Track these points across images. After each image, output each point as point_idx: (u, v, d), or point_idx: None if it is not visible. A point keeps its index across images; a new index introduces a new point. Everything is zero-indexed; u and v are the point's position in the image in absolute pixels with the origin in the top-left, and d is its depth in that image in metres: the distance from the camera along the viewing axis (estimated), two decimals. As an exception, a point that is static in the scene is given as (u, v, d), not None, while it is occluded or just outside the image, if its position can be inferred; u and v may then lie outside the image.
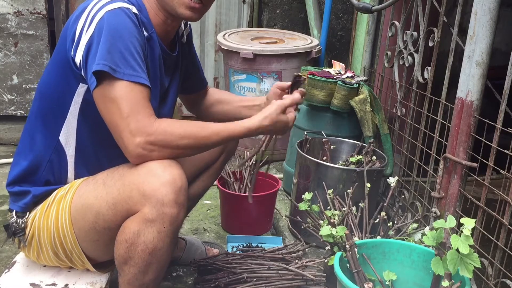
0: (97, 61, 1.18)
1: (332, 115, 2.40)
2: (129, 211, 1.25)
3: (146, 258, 1.25)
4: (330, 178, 2.03)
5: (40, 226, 1.38)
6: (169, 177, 1.22)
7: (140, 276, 1.28)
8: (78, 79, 1.29)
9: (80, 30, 1.24)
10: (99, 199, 1.29)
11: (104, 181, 1.31)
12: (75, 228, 1.35)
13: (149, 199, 1.21)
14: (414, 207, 2.10)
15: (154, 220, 1.22)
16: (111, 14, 1.21)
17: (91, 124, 1.34)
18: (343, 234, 1.55)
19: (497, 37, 1.62)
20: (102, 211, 1.29)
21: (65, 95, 1.32)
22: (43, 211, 1.38)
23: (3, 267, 1.90)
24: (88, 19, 1.23)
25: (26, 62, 3.39)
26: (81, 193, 1.34)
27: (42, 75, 1.40)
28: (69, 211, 1.34)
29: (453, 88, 1.77)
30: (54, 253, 1.41)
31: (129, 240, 1.25)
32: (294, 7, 3.62)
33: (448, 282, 1.35)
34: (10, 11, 3.27)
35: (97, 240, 1.36)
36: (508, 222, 1.50)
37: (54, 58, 1.35)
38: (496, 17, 1.58)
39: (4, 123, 3.48)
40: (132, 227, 1.24)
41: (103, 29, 1.20)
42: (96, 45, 1.20)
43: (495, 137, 1.57)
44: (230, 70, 3.06)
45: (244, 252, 1.95)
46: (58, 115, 1.35)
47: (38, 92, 1.40)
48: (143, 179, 1.22)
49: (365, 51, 2.66)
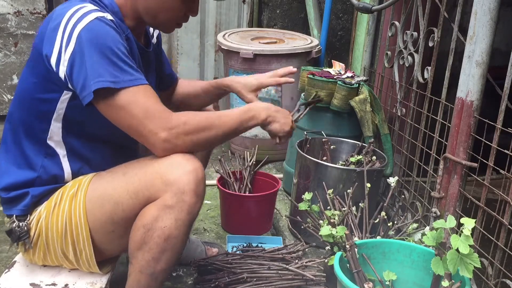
0: (95, 79, 1.19)
1: (332, 115, 2.40)
2: (150, 199, 1.29)
3: (161, 245, 1.29)
4: (330, 178, 2.03)
5: (49, 226, 1.38)
6: (192, 167, 1.28)
7: (153, 263, 1.32)
8: (61, 87, 1.30)
9: (59, 46, 1.24)
10: (119, 189, 1.32)
11: (124, 172, 1.35)
12: (90, 222, 1.36)
13: (170, 187, 1.26)
14: (414, 207, 2.10)
15: (173, 207, 1.26)
16: (90, 26, 1.21)
17: (76, 126, 1.37)
18: (343, 234, 1.55)
19: (497, 37, 1.62)
20: (122, 200, 1.32)
21: (48, 103, 1.34)
22: (51, 210, 1.38)
23: (3, 267, 1.90)
24: (66, 34, 1.22)
25: (26, 62, 3.39)
26: (96, 186, 1.37)
27: (18, 83, 1.40)
28: (84, 205, 1.35)
29: (453, 88, 1.77)
30: (62, 253, 1.41)
31: (146, 226, 1.28)
32: (294, 7, 3.62)
33: (448, 282, 1.35)
34: (10, 11, 3.27)
35: (112, 232, 1.38)
36: (508, 222, 1.50)
37: (31, 66, 1.35)
38: (496, 17, 1.58)
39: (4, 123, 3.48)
40: (152, 212, 1.28)
41: (86, 43, 1.20)
42: (80, 61, 1.20)
43: (495, 137, 1.57)
44: (230, 70, 3.06)
45: (244, 252, 1.95)
46: (43, 121, 1.36)
47: (16, 101, 1.40)
48: (166, 168, 1.27)
49: (365, 51, 2.66)
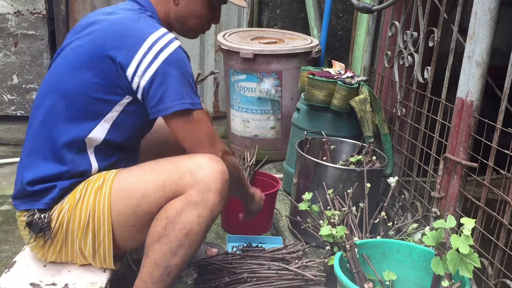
0: (179, 100, 1.35)
1: (332, 115, 2.40)
2: (176, 193, 1.36)
3: (181, 239, 1.35)
4: (330, 178, 2.03)
5: (71, 218, 1.39)
6: (220, 169, 1.37)
7: (169, 256, 1.36)
8: (126, 93, 1.39)
9: (139, 61, 1.34)
10: (147, 182, 1.38)
11: (152, 167, 1.41)
12: (114, 214, 1.39)
13: (198, 183, 1.34)
14: (414, 207, 2.10)
15: (198, 203, 1.34)
16: (176, 54, 1.36)
17: (118, 128, 1.43)
18: (343, 234, 1.55)
19: (497, 37, 1.62)
20: (149, 193, 1.37)
21: (106, 103, 1.39)
22: (74, 203, 1.39)
23: (3, 267, 1.90)
24: (151, 54, 1.33)
25: (26, 62, 3.39)
26: (124, 179, 1.41)
27: (61, 78, 1.41)
28: (109, 197, 1.38)
29: (453, 88, 1.77)
30: (79, 246, 1.42)
31: (170, 218, 1.34)
32: (294, 7, 3.62)
33: (448, 282, 1.35)
34: (10, 11, 3.27)
35: (133, 226, 1.41)
36: (508, 222, 1.50)
37: (93, 68, 1.37)
38: (496, 17, 1.58)
39: (4, 123, 3.48)
40: (176, 206, 1.35)
41: (171, 67, 1.34)
42: (162, 80, 1.34)
43: (495, 137, 1.57)
44: (230, 70, 3.06)
45: (244, 252, 1.95)
46: (91, 118, 1.40)
47: (61, 94, 1.40)
48: (197, 165, 1.36)
49: (365, 51, 2.66)
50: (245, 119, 3.07)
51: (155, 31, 1.36)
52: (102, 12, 1.49)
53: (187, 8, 1.52)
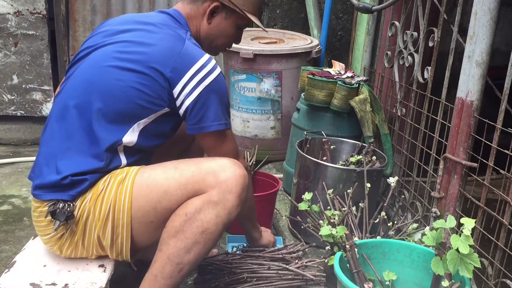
0: (218, 121, 1.50)
1: (332, 115, 2.40)
2: (197, 193, 1.40)
3: (197, 236, 1.39)
4: (330, 178, 2.03)
5: (92, 209, 1.42)
6: (242, 173, 1.43)
7: (183, 252, 1.40)
8: (166, 104, 1.48)
9: (186, 82, 1.45)
10: (170, 179, 1.42)
11: (176, 166, 1.45)
12: (134, 209, 1.42)
13: (220, 184, 1.39)
14: (414, 207, 2.10)
15: (217, 203, 1.39)
16: (218, 80, 1.48)
17: (147, 135, 1.50)
18: (343, 234, 1.55)
19: (497, 37, 1.62)
20: (170, 190, 1.41)
21: (146, 110, 1.47)
22: (97, 194, 1.43)
23: (3, 267, 1.90)
24: (197, 78, 1.46)
25: (26, 62, 3.39)
26: (147, 175, 1.45)
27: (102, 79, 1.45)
28: (131, 191, 1.42)
29: (453, 88, 1.77)
30: (98, 238, 1.45)
31: (188, 214, 1.38)
32: (294, 7, 3.62)
33: (448, 282, 1.35)
34: (10, 11, 3.27)
35: (151, 222, 1.44)
36: (508, 222, 1.50)
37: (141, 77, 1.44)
38: (496, 17, 1.58)
39: (4, 123, 3.48)
40: (196, 203, 1.39)
41: (213, 92, 1.47)
42: (204, 101, 1.47)
43: (495, 137, 1.57)
44: (230, 70, 3.06)
45: (244, 252, 1.95)
46: (128, 121, 1.47)
47: (104, 95, 1.44)
48: (220, 168, 1.42)
49: (365, 51, 2.66)
50: (245, 119, 3.07)
51: (202, 56, 1.49)
52: (135, 21, 1.57)
53: (219, 28, 1.64)
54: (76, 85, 1.49)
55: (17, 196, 2.63)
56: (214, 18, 1.63)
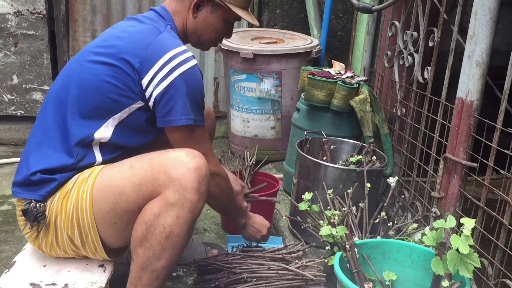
0: (185, 115, 1.42)
1: (332, 115, 2.40)
2: (153, 193, 1.33)
3: (162, 242, 1.32)
4: (330, 178, 2.03)
5: (59, 210, 1.41)
6: (196, 165, 1.33)
7: (154, 260, 1.34)
8: (138, 96, 1.44)
9: (155, 73, 1.40)
10: (124, 180, 1.36)
11: (131, 165, 1.39)
12: (95, 210, 1.39)
13: (173, 183, 1.31)
14: (414, 207, 2.10)
15: (174, 204, 1.31)
16: (190, 72, 1.42)
17: (125, 131, 1.47)
18: (343, 234, 1.55)
19: (497, 37, 1.62)
20: (126, 192, 1.35)
21: (119, 104, 1.44)
22: (63, 194, 1.41)
23: (3, 267, 1.90)
24: (167, 68, 1.40)
25: (26, 62, 3.39)
26: (105, 175, 1.40)
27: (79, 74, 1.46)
28: (91, 193, 1.38)
29: (453, 88, 1.77)
30: (69, 238, 1.43)
31: (148, 222, 1.32)
32: (294, 7, 3.62)
33: (448, 282, 1.35)
34: (10, 11, 3.27)
35: (114, 224, 1.40)
36: (508, 222, 1.50)
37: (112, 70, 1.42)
38: (496, 17, 1.58)
39: (4, 123, 3.48)
40: (153, 209, 1.32)
41: (184, 84, 1.41)
42: (172, 93, 1.40)
43: (495, 137, 1.57)
44: (230, 70, 3.06)
45: (244, 252, 1.95)
46: (102, 116, 1.44)
47: (78, 90, 1.44)
48: (171, 163, 1.33)
49: (365, 51, 2.66)
50: (245, 119, 3.07)
51: (176, 47, 1.43)
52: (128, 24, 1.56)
53: (205, 22, 1.59)
54: (57, 82, 1.50)
55: (17, 196, 2.63)
56: (199, 12, 1.58)
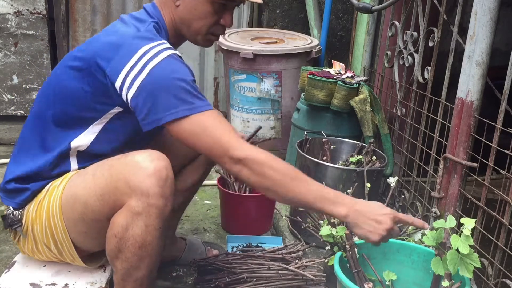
0: (167, 111, 1.25)
1: (332, 115, 2.40)
2: (116, 202, 1.27)
3: (137, 252, 1.27)
4: (330, 178, 2.03)
5: (34, 217, 1.40)
6: (155, 169, 1.24)
7: (133, 271, 1.30)
8: (116, 103, 1.35)
9: (127, 73, 1.28)
10: (88, 190, 1.31)
11: (94, 173, 1.33)
12: (65, 219, 1.36)
13: (134, 191, 1.23)
14: (414, 207, 2.10)
15: (140, 213, 1.23)
16: (164, 64, 1.28)
17: (106, 139, 1.40)
18: (343, 234, 1.55)
19: (497, 37, 1.62)
20: (90, 202, 1.30)
21: (95, 111, 1.37)
22: (37, 203, 1.40)
23: (3, 267, 1.90)
24: (138, 66, 1.27)
25: (26, 62, 3.38)
26: (72, 184, 1.36)
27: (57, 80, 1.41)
28: (60, 202, 1.36)
29: (453, 88, 1.77)
30: (45, 245, 1.42)
31: (118, 235, 1.26)
32: (294, 7, 3.62)
33: (448, 282, 1.35)
34: (10, 11, 3.27)
35: (85, 232, 1.38)
36: (508, 222, 1.50)
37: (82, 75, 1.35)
38: (496, 17, 1.58)
39: (4, 123, 3.47)
40: (120, 221, 1.26)
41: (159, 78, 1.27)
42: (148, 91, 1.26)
43: (495, 137, 1.57)
44: (230, 70, 3.06)
45: (244, 252, 1.95)
46: (80, 124, 1.38)
47: (56, 97, 1.39)
48: (129, 170, 1.24)
49: (365, 51, 2.66)
50: (245, 119, 3.07)
51: (149, 43, 1.31)
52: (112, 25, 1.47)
53: (188, 8, 1.43)
54: (43, 86, 1.47)
55: (17, 196, 2.63)
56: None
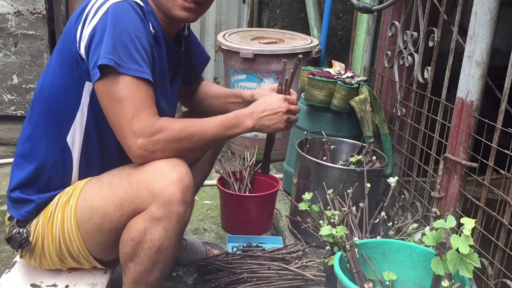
0: (103, 54, 1.17)
1: (332, 115, 2.40)
2: (136, 210, 1.26)
3: (153, 256, 1.27)
4: (330, 178, 2.03)
5: (45, 233, 1.37)
6: (177, 176, 1.23)
7: (146, 274, 1.29)
8: (84, 77, 1.28)
9: (82, 22, 1.24)
10: (106, 200, 1.29)
11: (111, 182, 1.31)
12: (82, 232, 1.35)
13: (156, 198, 1.22)
14: (414, 207, 2.10)
15: (161, 219, 1.23)
16: (117, 6, 1.21)
17: (100, 120, 1.32)
18: (343, 234, 1.55)
19: (497, 37, 1.62)
20: (109, 212, 1.29)
21: (73, 95, 1.31)
22: (47, 218, 1.37)
23: (3, 267, 1.90)
24: (92, 11, 1.22)
25: (26, 62, 3.39)
26: (87, 196, 1.34)
27: (43, 77, 1.38)
28: (75, 215, 1.34)
29: (453, 88, 1.77)
30: (59, 259, 1.41)
31: (135, 238, 1.26)
32: (294, 7, 3.62)
33: (448, 282, 1.35)
34: (10, 11, 3.27)
35: (103, 242, 1.36)
36: (508, 222, 1.50)
37: (57, 58, 1.33)
38: (496, 17, 1.58)
39: (4, 123, 3.48)
40: (139, 226, 1.25)
41: (107, 21, 1.19)
42: (99, 37, 1.19)
43: (495, 137, 1.57)
44: (230, 70, 3.06)
45: (244, 252, 1.95)
46: (67, 116, 1.33)
47: (40, 95, 1.36)
48: (151, 177, 1.23)
49: (365, 51, 2.66)
50: (245, 119, 3.06)
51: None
52: None
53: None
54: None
55: (17, 196, 2.63)
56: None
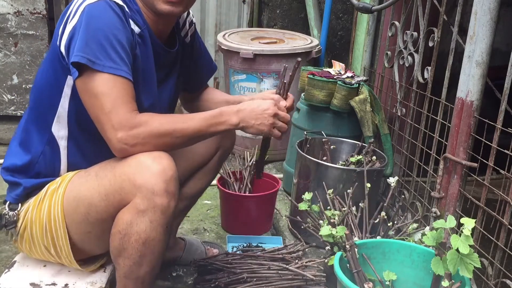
0: (76, 52, 1.22)
1: (332, 115, 2.40)
2: (121, 202, 1.28)
3: (140, 249, 1.28)
4: (330, 178, 2.03)
5: (33, 220, 1.40)
6: (159, 167, 1.25)
7: (135, 268, 1.31)
8: (65, 71, 1.31)
9: (65, 22, 1.29)
10: (91, 191, 1.32)
11: (97, 173, 1.34)
12: (68, 221, 1.37)
13: (139, 190, 1.24)
14: (414, 207, 2.10)
15: (145, 210, 1.25)
16: (92, 6, 1.25)
17: (81, 114, 1.34)
18: (343, 234, 1.55)
19: (497, 37, 1.62)
20: (94, 202, 1.32)
21: (55, 88, 1.36)
22: (36, 204, 1.40)
23: (3, 267, 1.90)
24: (73, 11, 1.28)
25: (26, 62, 3.38)
26: (73, 186, 1.37)
27: (38, 72, 1.44)
28: (62, 204, 1.36)
29: (453, 88, 1.77)
30: (45, 247, 1.42)
31: (122, 231, 1.28)
32: (294, 7, 3.62)
33: (448, 282, 1.35)
34: (10, 11, 3.27)
35: (89, 232, 1.38)
36: (508, 222, 1.50)
37: (48, 55, 1.40)
38: (496, 17, 1.58)
39: (4, 123, 3.47)
40: (125, 218, 1.27)
41: (85, 20, 1.24)
42: (76, 36, 1.24)
43: (495, 137, 1.57)
44: (230, 70, 3.06)
45: (244, 252, 1.95)
46: (49, 107, 1.38)
47: (33, 87, 1.44)
48: (133, 170, 1.25)
49: (365, 51, 2.66)
50: (245, 119, 3.06)
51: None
52: None
53: None
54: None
55: (17, 196, 2.63)
56: None
